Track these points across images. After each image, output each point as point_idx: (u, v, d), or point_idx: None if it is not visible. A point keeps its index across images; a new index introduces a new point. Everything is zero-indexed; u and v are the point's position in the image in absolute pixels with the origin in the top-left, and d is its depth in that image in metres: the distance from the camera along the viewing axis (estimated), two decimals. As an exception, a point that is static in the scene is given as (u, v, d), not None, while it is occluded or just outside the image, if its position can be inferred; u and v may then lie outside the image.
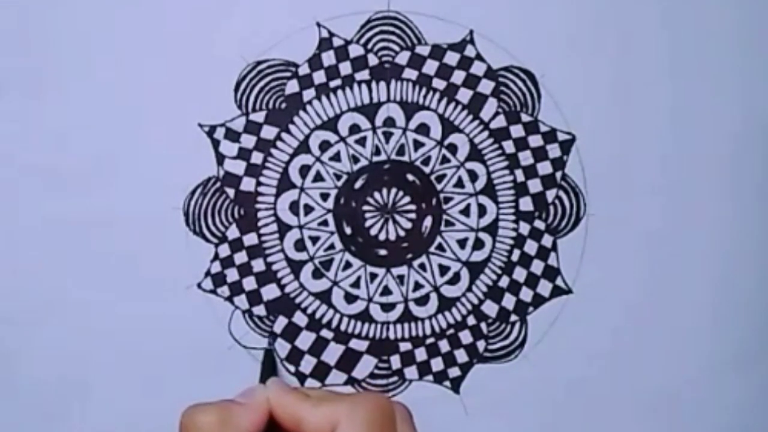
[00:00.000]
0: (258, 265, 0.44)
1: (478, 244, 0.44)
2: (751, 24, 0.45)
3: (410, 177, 0.44)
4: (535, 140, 0.45)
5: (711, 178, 0.45)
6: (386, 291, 0.44)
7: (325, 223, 0.44)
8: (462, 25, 0.44)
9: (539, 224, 0.45)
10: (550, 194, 0.45)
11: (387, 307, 0.44)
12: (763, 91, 0.45)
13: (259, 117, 0.44)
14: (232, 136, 0.43)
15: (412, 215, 0.44)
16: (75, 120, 0.43)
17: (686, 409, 0.45)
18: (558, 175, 0.45)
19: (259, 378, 0.41)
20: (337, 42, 0.44)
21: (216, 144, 0.43)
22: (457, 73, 0.44)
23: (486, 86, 0.44)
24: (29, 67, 0.43)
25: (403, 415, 0.36)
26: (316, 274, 0.44)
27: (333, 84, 0.44)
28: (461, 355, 0.45)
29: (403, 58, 0.44)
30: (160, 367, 0.43)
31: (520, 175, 0.45)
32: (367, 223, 0.44)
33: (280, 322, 0.44)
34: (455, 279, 0.44)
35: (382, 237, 0.44)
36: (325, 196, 0.44)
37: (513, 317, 0.45)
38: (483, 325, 0.45)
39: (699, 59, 0.45)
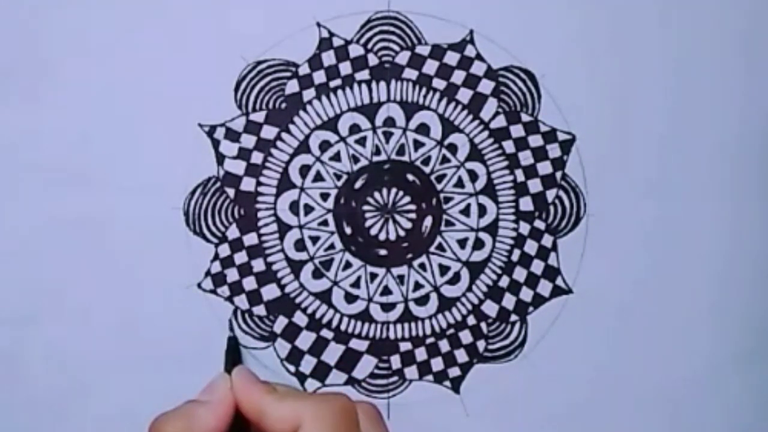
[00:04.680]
0: (258, 265, 0.44)
1: (478, 244, 0.44)
2: (751, 23, 0.45)
3: (410, 177, 0.44)
4: (535, 140, 0.45)
5: (711, 178, 0.45)
6: (386, 291, 0.44)
7: (325, 223, 0.44)
8: (462, 25, 0.44)
9: (539, 224, 0.45)
10: (550, 194, 0.45)
11: (387, 307, 0.44)
12: (763, 91, 0.45)
13: (259, 117, 0.44)
14: (232, 136, 0.43)
15: (412, 215, 0.44)
16: (75, 120, 0.43)
17: (686, 409, 0.45)
18: (558, 175, 0.45)
19: (224, 366, 0.41)
20: (337, 42, 0.44)
21: (216, 144, 0.43)
22: (457, 73, 0.44)
23: (486, 86, 0.44)
24: (30, 67, 0.43)
25: (371, 415, 0.35)
26: (316, 274, 0.44)
27: (333, 84, 0.44)
28: (461, 355, 0.45)
29: (403, 58, 0.44)
30: (160, 367, 0.43)
31: (520, 175, 0.45)
32: (367, 223, 0.44)
33: (280, 322, 0.44)
34: (455, 279, 0.44)
35: (382, 237, 0.44)
36: (325, 196, 0.44)
37: (513, 317, 0.45)
38: (483, 325, 0.45)
39: (699, 59, 0.45)
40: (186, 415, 0.34)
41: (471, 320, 0.45)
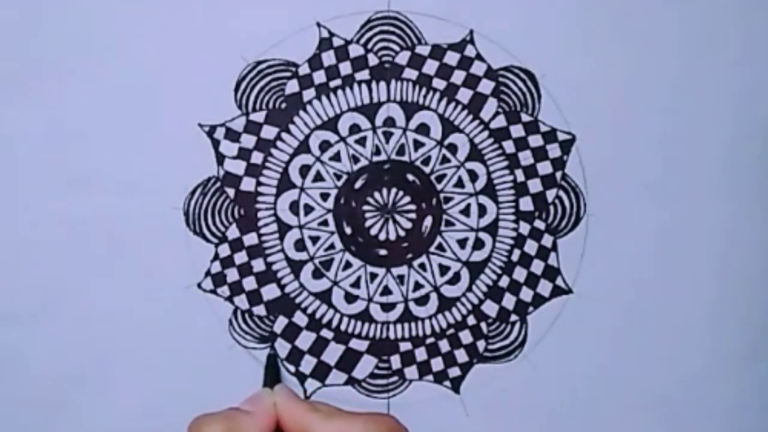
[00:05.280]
0: (258, 265, 0.44)
1: (478, 244, 0.44)
2: (751, 23, 0.45)
3: (410, 177, 0.44)
4: (535, 140, 0.45)
5: (711, 178, 0.45)
6: (386, 291, 0.44)
7: (325, 223, 0.44)
8: (462, 25, 0.44)
9: (539, 224, 0.45)
10: (550, 194, 0.45)
11: (387, 307, 0.44)
12: (763, 90, 0.45)
13: (259, 117, 0.44)
14: (232, 136, 0.43)
15: (412, 215, 0.44)
16: (75, 120, 0.43)
17: (686, 409, 0.45)
18: (558, 175, 0.45)
19: (263, 383, 0.41)
20: (337, 42, 0.44)
21: (216, 144, 0.43)
22: (457, 73, 0.44)
23: (486, 86, 0.44)
24: (30, 68, 0.43)
25: None
26: (316, 274, 0.44)
27: (333, 84, 0.44)
28: (461, 355, 0.45)
29: (403, 58, 0.44)
30: (160, 367, 0.43)
31: (520, 175, 0.45)
32: (367, 223, 0.44)
33: (280, 322, 0.44)
34: (455, 279, 0.44)
35: (382, 237, 0.44)
36: (325, 196, 0.44)
37: (513, 317, 0.45)
38: (483, 325, 0.45)
39: (699, 59, 0.45)
40: (229, 419, 0.34)
41: (471, 320, 0.45)
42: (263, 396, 0.36)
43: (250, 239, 0.44)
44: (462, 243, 0.44)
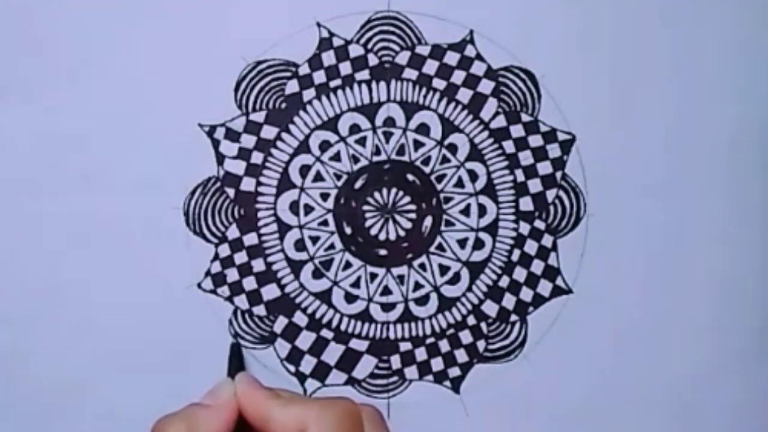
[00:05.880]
0: (258, 265, 0.44)
1: (478, 244, 0.44)
2: (750, 24, 0.45)
3: (410, 177, 0.44)
4: (535, 140, 0.45)
5: (711, 178, 0.45)
6: (386, 291, 0.44)
7: (325, 223, 0.44)
8: (462, 25, 0.44)
9: (539, 224, 0.45)
10: (550, 194, 0.45)
11: (387, 307, 0.44)
12: (763, 91, 0.45)
13: (259, 117, 0.44)
14: (232, 136, 0.43)
15: (412, 215, 0.44)
16: (75, 120, 0.43)
17: (686, 409, 0.45)
18: (558, 175, 0.45)
19: (227, 372, 0.41)
20: (337, 42, 0.44)
21: (216, 144, 0.43)
22: (457, 73, 0.44)
23: (486, 86, 0.44)
24: (29, 68, 0.43)
25: (375, 419, 0.35)
26: (316, 274, 0.44)
27: (333, 84, 0.44)
28: (461, 355, 0.45)
29: (403, 58, 0.44)
30: (159, 367, 0.43)
31: (520, 175, 0.45)
32: (367, 223, 0.44)
33: (280, 322, 0.44)
34: (455, 279, 0.44)
35: (382, 237, 0.44)
36: (325, 196, 0.44)
37: (513, 317, 0.45)
38: (483, 325, 0.45)
39: (699, 59, 0.45)
40: (189, 417, 0.34)
41: (471, 320, 0.45)
42: (223, 387, 0.36)
43: (250, 239, 0.44)
44: (462, 243, 0.44)
